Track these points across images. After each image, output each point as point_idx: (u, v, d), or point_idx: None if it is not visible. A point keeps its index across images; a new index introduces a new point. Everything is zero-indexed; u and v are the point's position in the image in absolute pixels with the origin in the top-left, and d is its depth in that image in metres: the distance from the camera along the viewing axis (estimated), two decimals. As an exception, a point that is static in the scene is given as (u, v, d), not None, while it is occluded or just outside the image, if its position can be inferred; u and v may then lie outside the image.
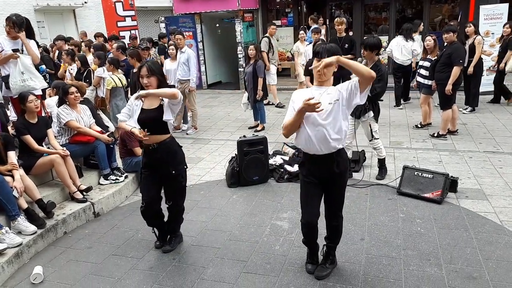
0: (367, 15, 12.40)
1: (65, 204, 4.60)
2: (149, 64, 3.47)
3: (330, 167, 2.99)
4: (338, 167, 3.00)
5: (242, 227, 4.20)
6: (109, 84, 6.58)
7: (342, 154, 3.03)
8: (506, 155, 5.71)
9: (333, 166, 2.99)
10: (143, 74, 3.40)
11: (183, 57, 7.47)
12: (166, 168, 3.54)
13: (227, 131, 7.86)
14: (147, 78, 3.39)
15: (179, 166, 3.61)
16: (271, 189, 5.12)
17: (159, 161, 3.54)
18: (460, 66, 6.22)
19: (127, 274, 3.52)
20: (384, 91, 4.91)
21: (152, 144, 3.49)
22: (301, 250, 3.70)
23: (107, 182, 5.13)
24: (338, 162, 3.00)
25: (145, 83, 3.40)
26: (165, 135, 3.53)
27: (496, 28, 8.95)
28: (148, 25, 15.17)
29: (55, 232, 4.19)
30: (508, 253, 3.47)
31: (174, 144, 3.60)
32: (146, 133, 3.36)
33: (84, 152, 5.16)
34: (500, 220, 4.02)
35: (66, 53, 7.41)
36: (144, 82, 3.40)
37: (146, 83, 3.40)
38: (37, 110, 4.62)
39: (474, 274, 3.23)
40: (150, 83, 3.40)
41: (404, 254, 3.55)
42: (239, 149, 5.23)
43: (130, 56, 6.98)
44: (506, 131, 6.72)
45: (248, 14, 12.13)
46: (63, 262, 3.79)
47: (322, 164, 3.01)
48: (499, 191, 4.64)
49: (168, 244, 3.87)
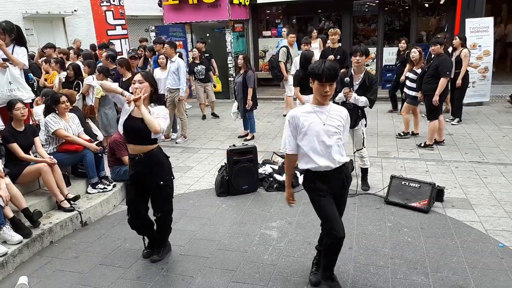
0: (355, 27, 12.58)
1: (52, 213, 4.55)
2: (144, 72, 3.57)
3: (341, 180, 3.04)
4: (347, 180, 3.08)
5: (231, 236, 4.20)
6: (98, 93, 6.56)
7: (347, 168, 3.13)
8: (491, 165, 5.81)
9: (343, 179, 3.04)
10: (135, 79, 3.41)
11: (173, 66, 7.49)
12: (152, 179, 3.50)
13: (217, 140, 7.86)
14: (139, 83, 3.38)
15: (166, 176, 3.57)
16: (260, 198, 5.13)
17: (145, 171, 3.49)
18: (447, 77, 6.36)
19: (114, 284, 3.49)
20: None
21: (139, 154, 3.46)
22: (289, 259, 3.71)
23: (95, 191, 5.09)
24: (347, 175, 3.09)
25: (134, 87, 3.37)
26: (152, 145, 3.49)
27: (483, 41, 9.16)
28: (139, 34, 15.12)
29: (41, 241, 4.13)
30: (493, 262, 3.52)
31: (160, 155, 3.56)
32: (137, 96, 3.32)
33: (72, 160, 5.11)
34: (485, 229, 4.08)
35: (55, 61, 7.37)
36: (134, 86, 3.38)
37: (135, 87, 3.37)
38: (24, 118, 4.58)
39: (460, 282, 3.27)
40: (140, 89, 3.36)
41: (392, 263, 3.58)
42: (228, 158, 5.24)
43: (120, 65, 6.99)
44: (491, 142, 6.84)
45: (239, 25, 12.22)
46: (49, 272, 3.74)
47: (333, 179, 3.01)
48: (484, 200, 4.72)
49: (156, 254, 3.83)
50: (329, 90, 2.84)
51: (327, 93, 2.85)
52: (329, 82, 2.82)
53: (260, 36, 12.88)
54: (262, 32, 12.89)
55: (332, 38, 7.61)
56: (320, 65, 2.82)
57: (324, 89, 2.83)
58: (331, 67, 2.82)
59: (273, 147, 7.09)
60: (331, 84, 2.85)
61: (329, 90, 2.84)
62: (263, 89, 12.22)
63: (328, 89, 2.84)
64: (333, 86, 2.88)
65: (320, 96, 2.89)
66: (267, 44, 12.76)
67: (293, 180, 5.29)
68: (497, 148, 6.51)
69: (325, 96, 2.86)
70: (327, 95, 2.87)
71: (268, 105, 10.71)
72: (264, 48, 12.83)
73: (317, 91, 2.88)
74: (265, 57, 12.83)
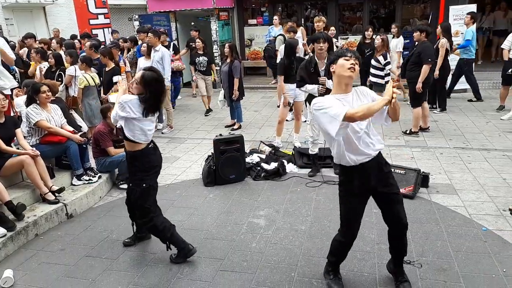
0: (341, 15, 12.56)
1: (37, 206, 4.48)
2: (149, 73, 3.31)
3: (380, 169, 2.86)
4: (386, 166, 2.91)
5: (219, 226, 4.19)
6: (81, 83, 6.44)
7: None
8: (475, 150, 5.90)
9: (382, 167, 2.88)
10: (136, 78, 3.36)
11: (157, 55, 7.39)
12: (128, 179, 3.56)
13: (203, 130, 7.82)
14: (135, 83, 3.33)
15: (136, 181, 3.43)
16: (248, 187, 5.12)
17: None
18: (429, 64, 6.41)
19: (101, 276, 3.47)
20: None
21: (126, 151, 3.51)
22: (277, 246, 3.73)
23: (80, 183, 5.02)
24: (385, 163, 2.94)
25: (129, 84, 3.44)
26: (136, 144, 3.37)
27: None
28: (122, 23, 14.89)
29: (26, 234, 4.07)
30: (477, 245, 3.59)
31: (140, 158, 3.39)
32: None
33: (56, 152, 5.03)
34: (469, 214, 4.15)
35: (35, 52, 7.19)
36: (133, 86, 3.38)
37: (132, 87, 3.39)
38: (4, 110, 4.47)
39: (444, 266, 3.33)
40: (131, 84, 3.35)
41: (378, 248, 3.62)
42: (215, 148, 5.22)
43: (102, 55, 6.86)
44: (475, 128, 6.94)
45: (224, 13, 12.09)
46: (34, 265, 3.69)
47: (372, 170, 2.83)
48: (468, 185, 4.80)
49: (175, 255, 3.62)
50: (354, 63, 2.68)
51: (354, 66, 2.66)
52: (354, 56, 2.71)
53: (245, 24, 12.76)
54: (248, 20, 12.78)
55: (317, 25, 7.59)
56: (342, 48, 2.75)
57: (350, 62, 2.67)
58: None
59: (260, 136, 7.08)
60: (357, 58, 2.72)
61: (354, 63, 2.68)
62: (249, 78, 12.16)
63: (354, 62, 2.68)
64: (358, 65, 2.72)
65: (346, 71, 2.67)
66: (253, 33, 12.66)
67: (280, 168, 5.35)
68: (480, 134, 6.61)
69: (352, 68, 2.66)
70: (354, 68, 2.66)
71: (255, 94, 10.67)
72: (250, 36, 12.73)
73: (343, 68, 2.67)
74: (251, 45, 12.76)
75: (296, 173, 5.42)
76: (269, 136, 7.04)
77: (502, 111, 7.72)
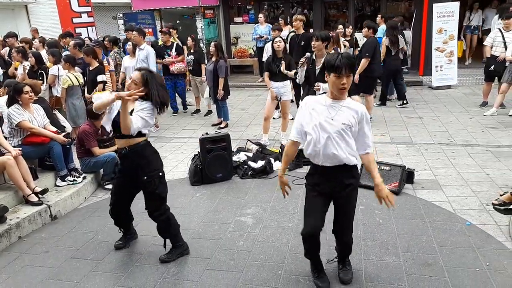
0: (327, 13, 12.60)
1: (19, 208, 4.40)
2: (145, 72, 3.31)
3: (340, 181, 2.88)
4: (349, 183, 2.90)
5: (206, 225, 4.18)
6: (65, 83, 6.34)
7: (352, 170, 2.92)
8: (459, 146, 5.98)
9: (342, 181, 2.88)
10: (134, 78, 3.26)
11: (141, 54, 7.32)
12: (138, 174, 3.40)
13: (190, 128, 7.77)
14: (134, 84, 3.24)
15: (152, 172, 3.43)
16: (235, 186, 5.11)
17: (131, 166, 3.40)
18: (367, 58, 7.05)
19: (86, 277, 3.42)
20: None
21: (124, 148, 3.36)
22: (264, 244, 3.73)
23: (64, 184, 4.95)
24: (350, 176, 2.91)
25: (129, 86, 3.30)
26: (137, 138, 3.34)
27: (449, 25, 9.36)
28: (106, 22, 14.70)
29: (9, 237, 4.00)
30: (461, 240, 3.64)
31: (147, 150, 3.43)
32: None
33: (39, 153, 4.94)
34: (453, 209, 4.20)
35: (16, 51, 7.05)
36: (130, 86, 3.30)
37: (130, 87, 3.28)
38: None
39: (429, 260, 3.37)
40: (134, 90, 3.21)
41: (364, 244, 3.64)
42: (201, 147, 5.19)
43: (86, 54, 6.77)
44: (459, 124, 7.04)
45: (209, 11, 12.03)
46: (18, 267, 3.63)
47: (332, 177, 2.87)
48: (452, 181, 4.86)
49: (165, 254, 3.61)
50: (346, 82, 2.67)
51: (344, 85, 2.67)
52: (347, 74, 2.65)
53: (231, 22, 12.71)
54: (234, 18, 12.73)
55: (295, 25, 7.62)
56: (336, 56, 2.66)
57: (341, 81, 2.66)
58: (348, 57, 2.67)
59: (247, 134, 7.07)
60: (349, 76, 2.67)
61: (346, 82, 2.67)
62: (236, 76, 12.13)
63: (346, 81, 2.66)
64: (351, 78, 2.70)
65: (336, 90, 2.71)
66: (238, 31, 12.62)
67: (267, 166, 5.36)
68: (464, 130, 6.70)
69: (343, 89, 2.69)
70: (344, 88, 2.69)
71: (241, 92, 10.64)
72: (236, 34, 12.69)
73: (333, 84, 2.70)
74: (237, 43, 12.71)
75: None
76: (256, 135, 7.03)
77: (485, 107, 7.84)
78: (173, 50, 8.46)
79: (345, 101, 2.79)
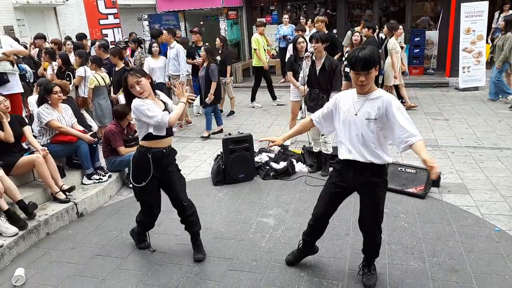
0: (351, 13, 12.47)
1: (48, 205, 4.52)
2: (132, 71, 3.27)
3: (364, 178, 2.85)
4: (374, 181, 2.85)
5: (228, 225, 4.19)
6: (92, 83, 6.48)
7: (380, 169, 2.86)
8: (487, 149, 5.82)
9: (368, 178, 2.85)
10: (132, 83, 3.20)
11: (172, 52, 7.46)
12: (174, 169, 3.52)
13: (212, 129, 7.80)
14: (138, 84, 3.20)
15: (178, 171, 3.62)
16: (257, 187, 5.12)
17: (169, 163, 3.47)
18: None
19: (111, 274, 3.48)
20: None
21: (168, 147, 3.43)
22: (287, 246, 3.71)
23: (90, 182, 5.06)
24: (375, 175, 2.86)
25: (139, 91, 3.20)
26: (172, 136, 3.54)
27: (477, 26, 9.13)
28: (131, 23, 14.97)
29: (37, 233, 4.11)
30: (489, 246, 3.54)
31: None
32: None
33: (67, 152, 5.07)
34: (481, 214, 4.09)
35: (45, 52, 7.26)
36: (137, 90, 3.20)
37: (139, 90, 3.20)
38: (8, 111, 4.46)
39: (456, 266, 3.28)
40: (143, 88, 3.21)
41: (389, 249, 3.58)
42: (224, 147, 5.21)
43: (112, 55, 6.90)
44: (487, 126, 6.85)
45: (232, 12, 12.09)
46: (45, 263, 3.72)
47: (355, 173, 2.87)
48: (480, 185, 4.73)
49: (200, 252, 3.64)
50: (364, 79, 2.62)
51: (362, 83, 2.64)
52: (364, 71, 2.61)
53: (254, 23, 12.72)
54: (257, 19, 12.73)
55: (317, 26, 7.63)
56: (354, 53, 2.62)
57: (358, 78, 2.64)
58: (366, 54, 2.58)
59: (269, 135, 7.06)
60: (367, 73, 2.62)
61: (364, 79, 2.62)
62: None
63: (364, 79, 2.62)
64: (371, 74, 2.64)
65: (355, 85, 2.72)
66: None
67: (289, 167, 5.35)
68: (493, 132, 6.52)
69: (361, 85, 2.66)
70: (362, 85, 2.66)
71: (263, 93, 10.60)
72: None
73: (353, 80, 2.71)
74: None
75: (305, 173, 5.39)
76: (278, 136, 7.00)
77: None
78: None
79: (371, 94, 2.73)
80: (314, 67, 5.15)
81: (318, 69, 5.11)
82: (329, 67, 5.04)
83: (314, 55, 5.16)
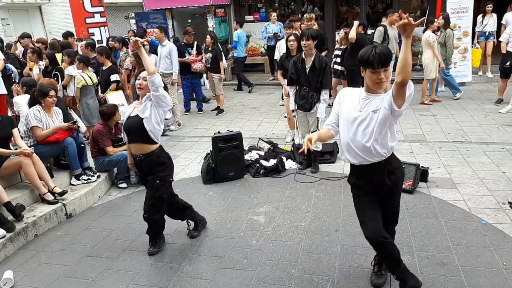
0: (338, 10, 12.51)
1: (36, 206, 4.47)
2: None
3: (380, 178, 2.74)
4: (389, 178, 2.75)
5: (219, 223, 4.19)
6: (79, 83, 6.41)
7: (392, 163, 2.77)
8: (474, 144, 5.90)
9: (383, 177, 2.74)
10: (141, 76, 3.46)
11: (164, 50, 7.43)
12: (151, 177, 3.53)
13: (202, 127, 7.80)
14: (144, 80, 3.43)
15: (166, 176, 3.58)
16: (247, 185, 5.12)
17: (146, 171, 3.55)
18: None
19: (102, 275, 3.46)
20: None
21: (139, 155, 3.50)
22: (277, 243, 3.73)
23: (79, 182, 5.01)
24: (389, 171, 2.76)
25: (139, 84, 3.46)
26: (151, 145, 3.48)
27: (463, 22, 9.22)
28: (118, 22, 14.82)
29: (26, 235, 4.07)
30: (477, 239, 3.59)
31: (161, 156, 3.57)
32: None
33: (54, 152, 5.01)
34: (468, 208, 4.15)
35: (32, 51, 7.15)
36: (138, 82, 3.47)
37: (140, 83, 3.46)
38: None
39: (444, 260, 3.33)
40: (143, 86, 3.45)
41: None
42: (214, 145, 5.20)
43: (99, 53, 6.84)
44: (473, 121, 6.94)
45: (220, 10, 12.05)
46: (34, 265, 3.69)
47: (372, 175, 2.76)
48: (467, 179, 4.80)
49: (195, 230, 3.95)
50: (384, 76, 2.50)
51: (381, 80, 2.51)
52: (383, 68, 2.49)
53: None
54: (245, 16, 12.73)
55: (307, 24, 7.62)
56: (370, 51, 2.49)
57: (378, 76, 2.50)
58: (383, 50, 2.48)
59: (259, 133, 7.07)
60: (386, 70, 2.50)
61: (384, 76, 2.50)
62: (247, 75, 12.07)
63: (383, 76, 2.50)
64: (388, 71, 2.53)
65: (373, 84, 2.56)
66: (250, 29, 12.61)
67: (279, 165, 5.36)
68: (479, 127, 6.61)
69: (379, 83, 2.53)
70: (381, 82, 2.52)
71: (253, 91, 10.62)
72: (247, 33, 12.67)
73: (370, 79, 2.55)
74: (249, 42, 12.70)
75: (295, 170, 5.41)
76: (267, 133, 7.03)
77: (500, 104, 7.72)
78: (194, 49, 8.49)
79: (380, 95, 2.62)
80: (303, 65, 5.13)
81: (308, 67, 5.08)
82: (319, 65, 5.03)
83: (303, 53, 5.14)
